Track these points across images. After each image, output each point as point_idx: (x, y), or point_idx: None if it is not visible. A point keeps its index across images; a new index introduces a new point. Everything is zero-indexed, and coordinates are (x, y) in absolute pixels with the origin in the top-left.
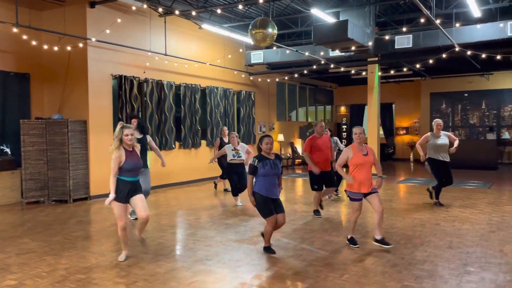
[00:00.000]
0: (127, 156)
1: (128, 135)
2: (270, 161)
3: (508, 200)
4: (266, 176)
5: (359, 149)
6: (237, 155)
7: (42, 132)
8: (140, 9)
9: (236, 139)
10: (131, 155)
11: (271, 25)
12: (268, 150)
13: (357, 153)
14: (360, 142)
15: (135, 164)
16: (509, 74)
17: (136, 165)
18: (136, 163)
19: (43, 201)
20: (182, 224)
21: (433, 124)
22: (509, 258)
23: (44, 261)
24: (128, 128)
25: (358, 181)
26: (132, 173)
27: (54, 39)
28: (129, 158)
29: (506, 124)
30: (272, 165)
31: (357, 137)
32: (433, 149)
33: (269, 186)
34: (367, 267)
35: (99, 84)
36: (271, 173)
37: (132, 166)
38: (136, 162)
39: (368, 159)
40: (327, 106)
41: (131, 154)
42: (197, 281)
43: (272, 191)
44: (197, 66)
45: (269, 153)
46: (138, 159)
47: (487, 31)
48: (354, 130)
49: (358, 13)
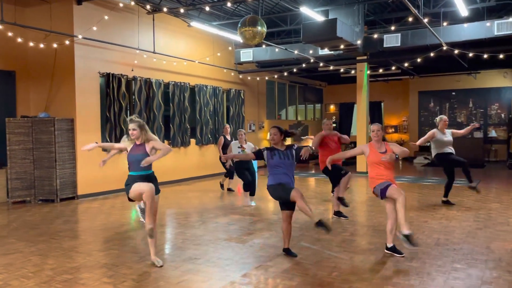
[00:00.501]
0: (132, 148)
1: (130, 129)
2: (280, 152)
3: (494, 197)
4: (277, 167)
5: (377, 147)
6: (243, 153)
7: (28, 130)
8: (127, 6)
9: (244, 137)
10: (136, 148)
11: (260, 23)
12: (272, 142)
13: (375, 151)
14: (378, 140)
15: (134, 157)
16: (495, 73)
17: (136, 158)
18: (134, 156)
19: (30, 201)
20: (171, 223)
21: (439, 120)
22: (496, 255)
23: (30, 261)
24: (131, 122)
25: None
26: (134, 166)
27: (40, 36)
28: (132, 151)
29: (492, 122)
30: (282, 155)
31: (375, 134)
32: (440, 145)
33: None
34: (355, 264)
35: (86, 82)
36: (280, 163)
37: (131, 159)
38: (135, 155)
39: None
40: (316, 104)
41: (137, 147)
42: (185, 280)
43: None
44: (186, 64)
45: (277, 144)
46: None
47: (474, 30)
48: (372, 127)
49: (347, 12)
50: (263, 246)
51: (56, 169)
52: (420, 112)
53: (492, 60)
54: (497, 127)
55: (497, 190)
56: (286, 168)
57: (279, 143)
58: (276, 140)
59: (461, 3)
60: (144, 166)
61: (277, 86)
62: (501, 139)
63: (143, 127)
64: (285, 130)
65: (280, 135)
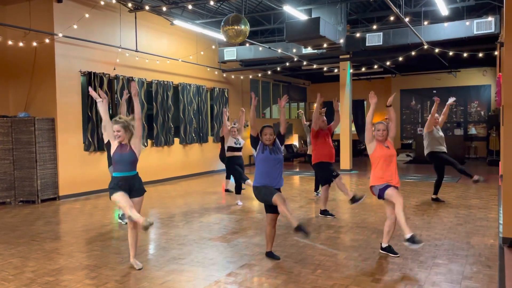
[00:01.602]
0: (118, 147)
1: (115, 131)
2: (269, 147)
3: (474, 193)
4: (265, 163)
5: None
6: (238, 143)
7: (7, 130)
8: (109, 4)
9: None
10: (122, 147)
11: (244, 21)
12: (267, 142)
13: (381, 146)
14: (382, 140)
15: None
16: (475, 71)
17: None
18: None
19: (10, 202)
20: (154, 223)
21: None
22: (475, 250)
23: (11, 264)
24: (116, 123)
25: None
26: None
27: (20, 34)
28: (118, 149)
29: (472, 120)
30: (272, 151)
31: (380, 134)
32: (435, 142)
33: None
34: (339, 261)
35: (67, 81)
36: (270, 158)
37: (118, 158)
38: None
39: (390, 152)
40: (300, 103)
41: (123, 146)
42: (169, 281)
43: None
44: (169, 62)
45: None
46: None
47: (454, 29)
48: (377, 126)
49: (330, 11)
50: (248, 245)
51: (37, 170)
52: (402, 110)
53: (471, 59)
54: (477, 124)
55: (477, 186)
56: (274, 164)
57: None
58: (271, 140)
59: (442, 3)
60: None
61: (261, 85)
62: (481, 136)
63: (128, 127)
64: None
65: (275, 135)
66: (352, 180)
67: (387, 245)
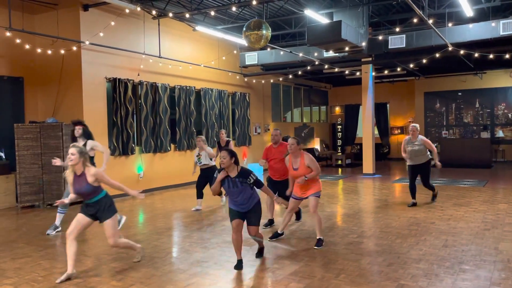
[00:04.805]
0: (74, 181)
1: (69, 154)
2: (229, 179)
3: (502, 198)
4: (228, 192)
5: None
6: (198, 162)
7: (36, 136)
8: (133, 11)
9: (201, 143)
10: (77, 179)
11: (265, 26)
12: (222, 165)
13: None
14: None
15: (77, 190)
16: (502, 72)
17: (78, 191)
18: (77, 189)
19: (38, 205)
20: (178, 226)
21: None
22: (504, 256)
23: (40, 265)
24: (71, 147)
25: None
26: (82, 197)
27: (48, 42)
28: (75, 183)
29: (499, 123)
30: (230, 183)
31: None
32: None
33: (232, 203)
34: (363, 266)
35: (93, 87)
36: (228, 192)
37: (75, 191)
38: (78, 188)
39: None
40: (322, 106)
41: (78, 178)
42: (193, 283)
43: (236, 208)
44: (192, 68)
45: (228, 168)
46: (83, 186)
47: (480, 31)
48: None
49: (352, 14)
50: (270, 249)
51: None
52: (426, 113)
53: (498, 60)
54: (504, 127)
55: (505, 190)
56: (238, 195)
57: (229, 167)
58: (225, 163)
59: (466, 4)
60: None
61: (282, 89)
62: (508, 139)
63: (84, 155)
64: (235, 155)
65: (230, 158)
66: (376, 184)
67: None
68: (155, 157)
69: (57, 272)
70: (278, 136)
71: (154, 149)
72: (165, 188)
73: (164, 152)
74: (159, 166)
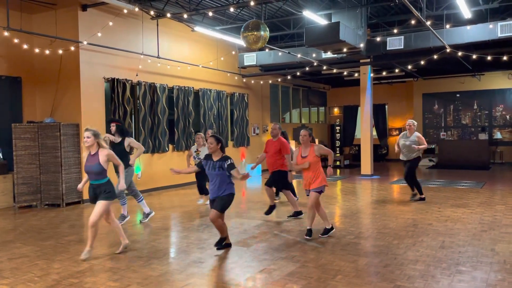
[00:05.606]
0: (87, 159)
1: (84, 137)
2: (211, 162)
3: (500, 199)
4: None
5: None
6: (197, 157)
7: (34, 136)
8: (132, 12)
9: (201, 141)
10: (90, 158)
11: (263, 27)
12: (210, 150)
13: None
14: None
15: (88, 167)
16: (500, 74)
17: (88, 169)
18: (88, 166)
19: (36, 205)
20: (175, 227)
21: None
22: (500, 257)
23: (37, 265)
24: (86, 131)
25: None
26: (90, 175)
27: (46, 42)
28: (87, 161)
29: (497, 124)
30: (211, 166)
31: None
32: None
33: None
34: (360, 267)
35: (92, 87)
36: (209, 174)
37: (86, 169)
38: (88, 165)
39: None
40: (320, 107)
41: (91, 157)
42: (190, 284)
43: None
44: (190, 68)
45: (214, 153)
46: (94, 164)
47: (478, 32)
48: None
49: (350, 15)
50: (267, 250)
51: (62, 174)
52: (425, 114)
53: (496, 62)
54: (502, 128)
55: (502, 192)
56: (213, 179)
57: (215, 152)
58: (212, 149)
59: (464, 5)
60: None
61: (281, 90)
62: (507, 140)
63: (98, 136)
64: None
65: (217, 144)
66: (374, 185)
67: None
68: (153, 157)
69: (53, 272)
70: (276, 130)
71: (152, 149)
72: (163, 188)
73: (162, 153)
74: (157, 167)
